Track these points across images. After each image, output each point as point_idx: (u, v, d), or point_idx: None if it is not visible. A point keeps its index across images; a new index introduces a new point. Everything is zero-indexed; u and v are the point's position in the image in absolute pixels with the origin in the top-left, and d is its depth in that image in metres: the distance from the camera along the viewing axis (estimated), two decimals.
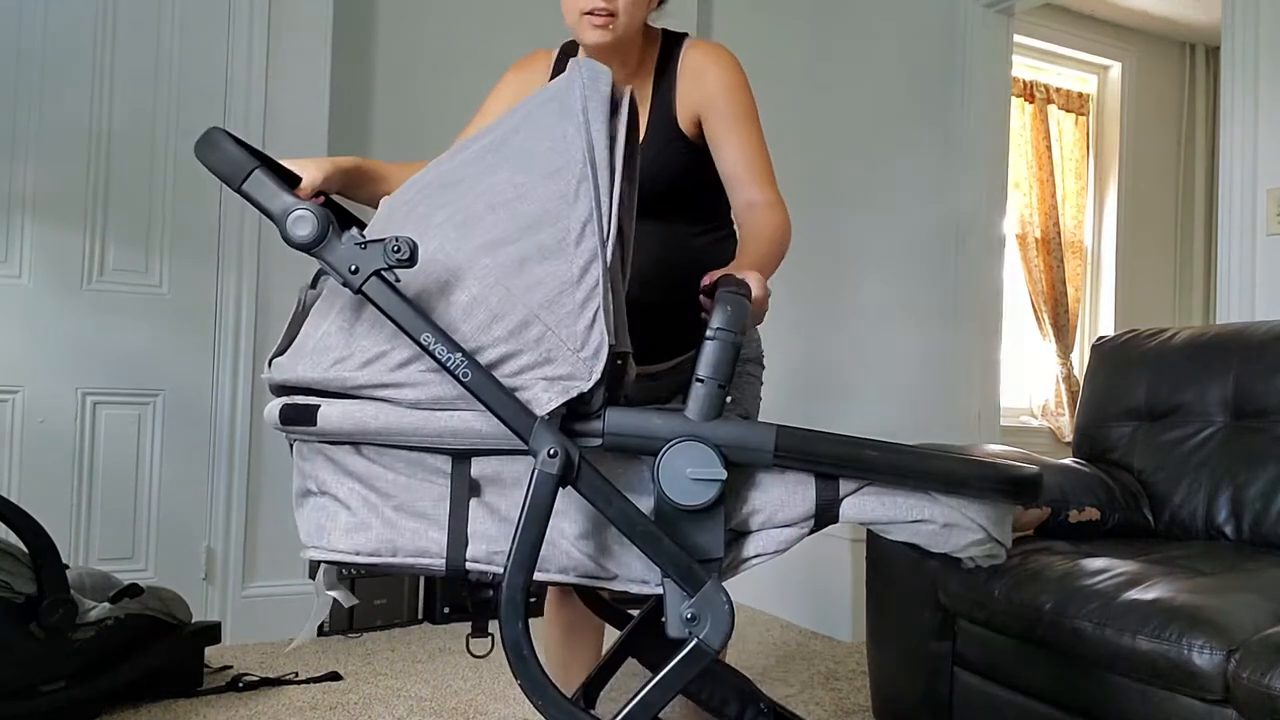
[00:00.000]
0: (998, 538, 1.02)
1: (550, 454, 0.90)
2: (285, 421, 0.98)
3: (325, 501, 1.01)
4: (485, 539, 0.98)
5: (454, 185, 1.01)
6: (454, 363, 0.90)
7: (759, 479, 1.00)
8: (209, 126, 1.00)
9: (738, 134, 1.47)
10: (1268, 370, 2.05)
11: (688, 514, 0.95)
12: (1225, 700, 1.38)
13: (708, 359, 0.97)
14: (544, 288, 0.94)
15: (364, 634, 2.98)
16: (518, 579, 0.91)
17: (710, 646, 0.93)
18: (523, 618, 0.91)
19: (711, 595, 0.93)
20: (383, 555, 0.99)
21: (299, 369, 0.98)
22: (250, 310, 2.85)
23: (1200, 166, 4.91)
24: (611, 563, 1.00)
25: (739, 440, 0.96)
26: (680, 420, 0.96)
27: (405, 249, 0.90)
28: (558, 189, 0.96)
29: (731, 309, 0.98)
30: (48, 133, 2.65)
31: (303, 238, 0.92)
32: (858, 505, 1.00)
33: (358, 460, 0.99)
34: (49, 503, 2.58)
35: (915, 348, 3.45)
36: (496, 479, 0.99)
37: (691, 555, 0.95)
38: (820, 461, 0.98)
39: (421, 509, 0.99)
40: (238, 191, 0.95)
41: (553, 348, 0.93)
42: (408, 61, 3.32)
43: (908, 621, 2.00)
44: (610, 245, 0.96)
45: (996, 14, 3.32)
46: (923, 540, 1.01)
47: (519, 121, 1.03)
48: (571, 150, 0.97)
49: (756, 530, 1.01)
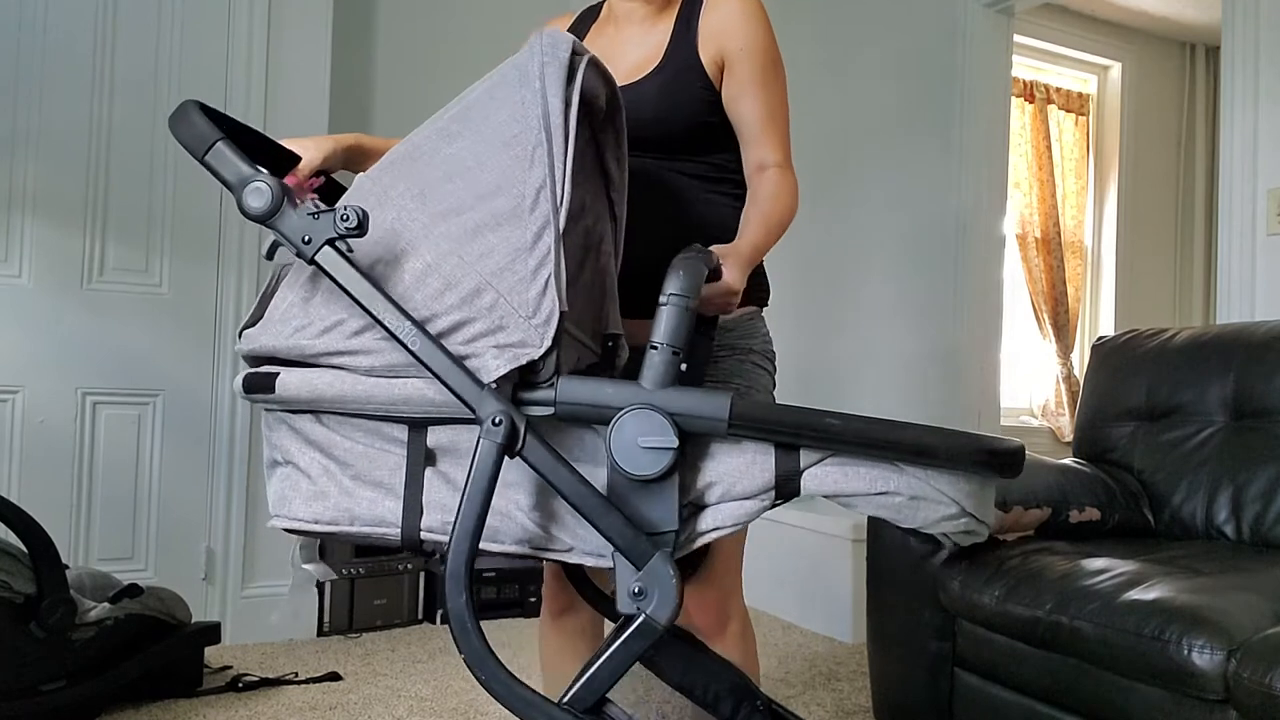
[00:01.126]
0: (973, 513, 0.98)
1: (495, 422, 0.89)
2: (248, 390, 0.99)
3: (289, 471, 1.02)
4: (440, 509, 0.98)
5: (417, 157, 1.02)
6: (403, 331, 0.91)
7: (715, 449, 0.98)
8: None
9: (760, 87, 1.42)
10: (1268, 370, 2.05)
11: (641, 485, 0.94)
12: (1225, 700, 1.38)
13: (661, 326, 0.95)
14: (497, 255, 0.94)
15: (364, 634, 2.98)
16: (462, 548, 0.90)
17: (657, 621, 0.91)
18: (467, 589, 0.90)
19: (659, 569, 0.91)
20: (341, 524, 1.00)
21: (263, 338, 0.99)
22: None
23: (1200, 166, 4.91)
24: (566, 534, 0.99)
25: (693, 409, 0.93)
26: (633, 389, 0.94)
27: (354, 218, 0.90)
28: (513, 155, 0.96)
29: (685, 274, 0.97)
30: (48, 133, 2.65)
31: (256, 209, 0.92)
32: (819, 477, 0.97)
33: (318, 429, 1.00)
34: (49, 503, 2.59)
35: (915, 347, 3.45)
36: (452, 449, 0.99)
37: (645, 528, 0.93)
38: (778, 430, 0.95)
39: (378, 478, 0.99)
40: (201, 162, 0.95)
41: (504, 315, 0.93)
42: (408, 60, 3.32)
43: (908, 622, 2.00)
44: (564, 211, 0.95)
45: (996, 14, 3.32)
46: (889, 514, 0.98)
47: (482, 91, 1.03)
48: (529, 117, 0.96)
49: (715, 503, 0.99)
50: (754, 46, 1.42)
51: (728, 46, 1.42)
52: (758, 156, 1.43)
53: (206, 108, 0.98)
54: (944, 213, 3.35)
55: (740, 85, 1.42)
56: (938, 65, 3.38)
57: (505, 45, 1.91)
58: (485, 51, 3.39)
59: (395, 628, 3.06)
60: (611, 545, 0.93)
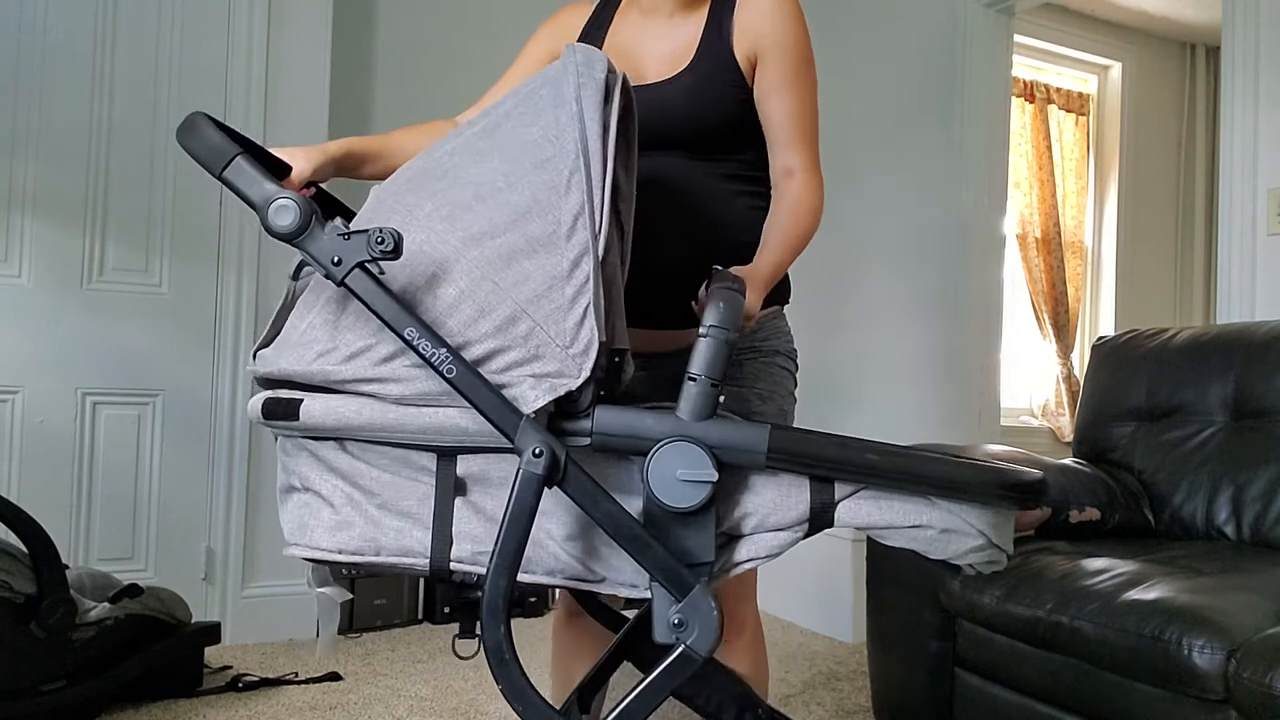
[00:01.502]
0: (998, 544, 0.99)
1: (535, 453, 0.88)
2: (268, 416, 0.96)
3: (308, 498, 0.99)
4: (470, 539, 0.96)
5: (443, 175, 0.99)
6: (438, 358, 0.88)
7: (752, 481, 0.98)
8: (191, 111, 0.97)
9: (791, 85, 1.38)
10: (1268, 370, 2.05)
11: (677, 516, 0.93)
12: (1225, 700, 1.38)
13: (700, 357, 0.94)
14: (533, 282, 0.91)
15: (364, 634, 2.98)
16: (500, 582, 0.88)
17: (697, 653, 0.90)
18: (505, 622, 0.89)
19: (699, 601, 0.90)
20: (366, 554, 0.97)
21: (282, 361, 0.96)
22: (250, 310, 2.85)
23: (1200, 166, 4.91)
24: (600, 565, 0.98)
25: (731, 441, 0.93)
26: (671, 420, 0.93)
27: (389, 240, 0.87)
28: (548, 179, 0.93)
29: (725, 306, 0.96)
30: (48, 133, 2.65)
31: (284, 228, 0.89)
32: (854, 509, 0.97)
33: (341, 456, 0.97)
34: (49, 503, 2.58)
35: (915, 347, 3.45)
36: (483, 478, 0.97)
37: (681, 559, 0.92)
38: (815, 464, 0.95)
39: (406, 508, 0.97)
40: (218, 178, 0.92)
41: (541, 344, 0.91)
42: (408, 59, 3.32)
43: (909, 622, 2.00)
44: (603, 238, 0.92)
45: (996, 14, 3.32)
46: (920, 546, 0.99)
47: (511, 108, 1.00)
48: (564, 139, 0.94)
49: (749, 534, 0.98)
50: (787, 42, 1.38)
51: (761, 42, 1.37)
52: (784, 160, 1.40)
53: (211, 118, 0.95)
54: (944, 213, 3.35)
55: (770, 83, 1.38)
56: (938, 65, 3.38)
57: (505, 44, 1.91)
58: (485, 51, 3.39)
59: (395, 628, 3.06)
60: (651, 577, 0.91)
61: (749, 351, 1.43)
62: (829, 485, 0.97)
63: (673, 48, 1.41)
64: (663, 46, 1.42)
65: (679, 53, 1.40)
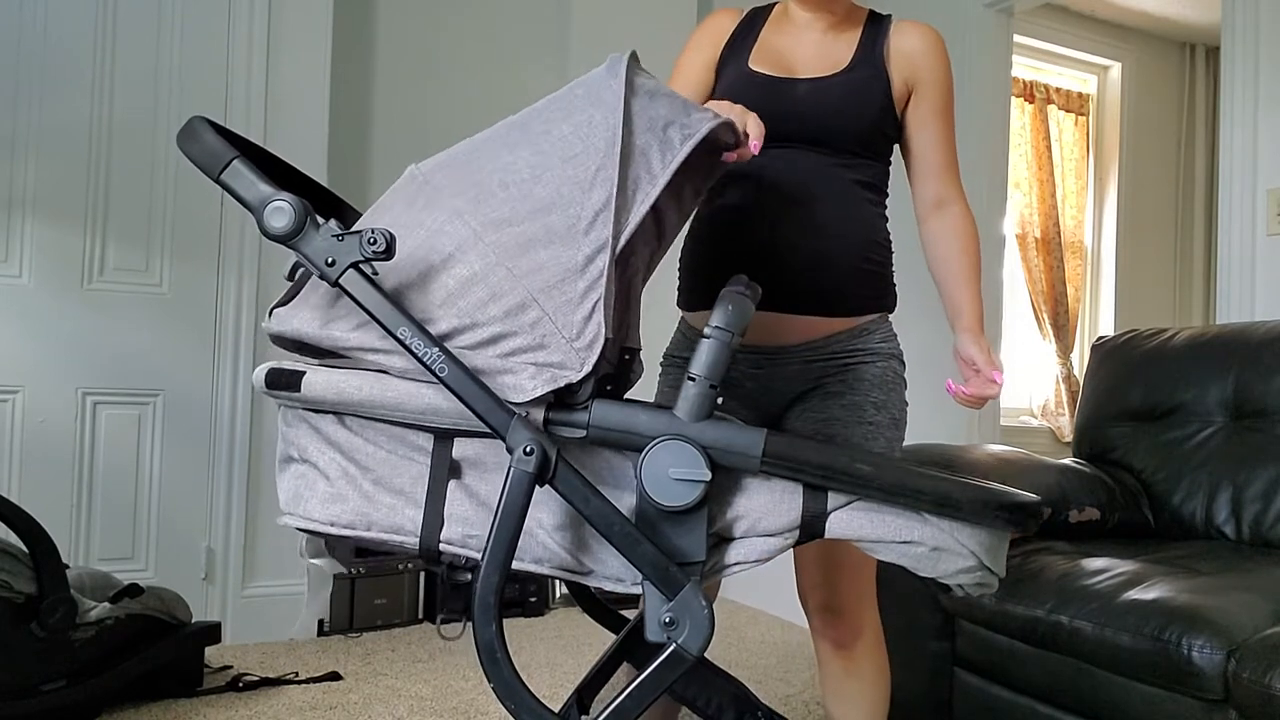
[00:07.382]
0: (990, 566, 0.98)
1: (526, 451, 0.88)
2: (270, 386, 0.97)
3: (305, 469, 1.00)
4: (462, 521, 0.97)
5: (471, 160, 1.00)
6: (430, 358, 0.89)
7: (745, 484, 0.98)
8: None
9: (944, 121, 1.48)
10: (1268, 370, 2.05)
11: (669, 515, 0.93)
12: (1225, 700, 1.38)
13: (701, 358, 0.95)
14: (546, 272, 0.92)
15: (364, 634, 2.98)
16: (492, 579, 0.89)
17: (689, 651, 0.90)
18: (496, 619, 0.89)
19: (690, 599, 0.90)
20: (357, 528, 0.98)
21: (294, 321, 0.97)
22: (250, 310, 2.85)
23: (1200, 166, 4.91)
24: (588, 558, 0.98)
25: (726, 443, 0.93)
26: (667, 418, 0.94)
27: (382, 241, 0.88)
28: (573, 174, 0.95)
29: (733, 309, 0.96)
30: (48, 133, 2.65)
31: (279, 229, 0.90)
32: (845, 520, 0.97)
33: (340, 430, 0.99)
34: (49, 503, 2.58)
35: (915, 347, 3.43)
36: (478, 462, 0.97)
37: (672, 557, 0.92)
38: (809, 471, 0.96)
39: (400, 485, 0.98)
40: (216, 181, 0.93)
41: (547, 334, 0.92)
42: (408, 59, 3.32)
43: (908, 621, 2.00)
44: (625, 238, 0.93)
45: (996, 14, 3.32)
46: (910, 563, 0.98)
47: (546, 104, 1.02)
48: (594, 137, 0.95)
49: (739, 537, 0.98)
50: (941, 79, 1.48)
51: (918, 75, 1.47)
52: (937, 191, 1.49)
53: (214, 123, 0.96)
54: None
55: (925, 115, 1.47)
56: None
57: (504, 46, 1.90)
58: (484, 53, 3.39)
59: (395, 628, 3.05)
60: (641, 574, 0.92)
61: (866, 355, 1.48)
62: (822, 494, 0.98)
63: (828, 53, 1.47)
64: (817, 52, 1.48)
65: (834, 58, 1.46)
